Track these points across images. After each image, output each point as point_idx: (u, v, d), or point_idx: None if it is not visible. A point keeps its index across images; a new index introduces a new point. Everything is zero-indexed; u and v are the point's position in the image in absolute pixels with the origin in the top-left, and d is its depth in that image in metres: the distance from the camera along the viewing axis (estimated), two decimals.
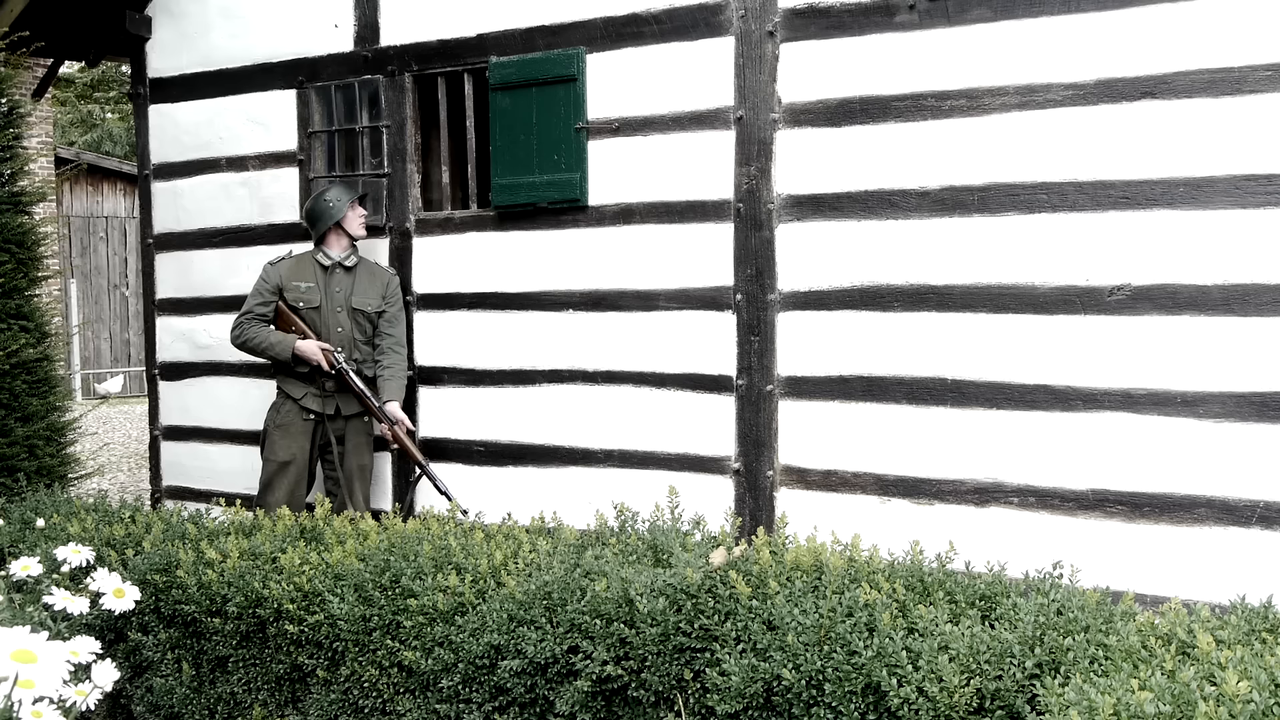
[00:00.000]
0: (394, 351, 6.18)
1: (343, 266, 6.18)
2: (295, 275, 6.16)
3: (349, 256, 6.20)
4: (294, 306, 6.13)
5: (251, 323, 6.14)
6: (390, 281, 6.25)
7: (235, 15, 6.90)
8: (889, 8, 5.03)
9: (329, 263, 6.17)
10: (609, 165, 5.76)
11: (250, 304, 6.16)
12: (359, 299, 6.15)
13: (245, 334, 6.14)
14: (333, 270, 6.17)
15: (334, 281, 6.17)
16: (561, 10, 5.83)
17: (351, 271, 6.18)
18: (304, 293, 6.13)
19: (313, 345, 6.04)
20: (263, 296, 6.15)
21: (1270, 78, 4.35)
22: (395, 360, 6.16)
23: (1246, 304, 4.42)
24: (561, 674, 3.40)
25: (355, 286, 6.17)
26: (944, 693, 2.77)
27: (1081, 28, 4.66)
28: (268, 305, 6.15)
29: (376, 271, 6.25)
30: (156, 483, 7.55)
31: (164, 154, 7.30)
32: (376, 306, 6.17)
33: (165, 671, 4.26)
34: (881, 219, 5.09)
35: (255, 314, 6.14)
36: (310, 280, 6.15)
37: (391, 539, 4.11)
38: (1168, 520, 4.59)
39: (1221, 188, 4.45)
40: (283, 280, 6.15)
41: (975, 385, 4.94)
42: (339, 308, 6.15)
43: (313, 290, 6.14)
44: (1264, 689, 2.44)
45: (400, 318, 6.24)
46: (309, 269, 6.18)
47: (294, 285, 6.14)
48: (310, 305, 6.13)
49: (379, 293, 6.19)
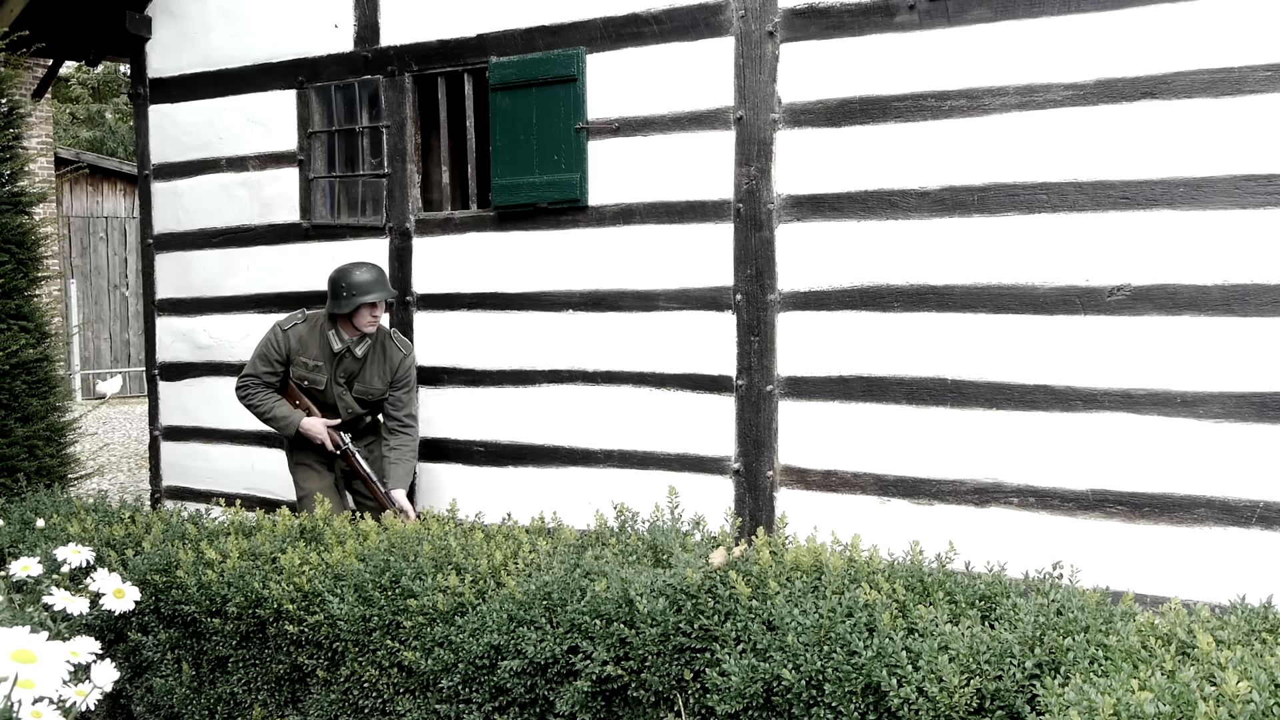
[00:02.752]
0: (402, 432, 5.93)
1: (352, 354, 5.87)
2: (304, 349, 5.85)
3: (360, 343, 5.86)
4: (297, 382, 5.89)
5: (258, 388, 5.88)
6: (403, 362, 5.93)
7: (235, 15, 6.90)
8: (889, 8, 5.03)
9: (339, 347, 5.84)
10: (609, 165, 5.76)
11: (258, 368, 5.88)
12: (363, 385, 5.90)
13: (253, 400, 5.89)
14: (341, 356, 5.86)
15: (341, 366, 5.87)
16: (561, 10, 5.83)
17: (361, 359, 5.87)
18: (309, 371, 5.86)
19: (319, 426, 5.83)
20: (270, 365, 5.87)
21: (1270, 78, 4.35)
22: (403, 442, 5.91)
23: (1246, 304, 4.42)
24: (561, 674, 3.40)
25: (363, 373, 5.88)
26: (944, 693, 2.77)
27: (1081, 28, 4.66)
28: (275, 374, 5.88)
29: (389, 352, 5.94)
30: (156, 483, 7.55)
31: (164, 154, 7.30)
32: (382, 392, 5.93)
33: (165, 672, 4.26)
34: (881, 219, 5.09)
35: (263, 380, 5.88)
36: (318, 358, 5.85)
37: (391, 539, 4.11)
38: (1168, 520, 4.59)
39: (1221, 188, 4.45)
40: (290, 352, 5.86)
41: (975, 385, 4.94)
42: (343, 393, 5.90)
43: (319, 371, 5.86)
44: (1264, 689, 2.44)
45: (410, 397, 5.97)
46: (318, 345, 5.87)
47: (300, 360, 5.85)
48: (314, 386, 5.87)
49: (388, 376, 5.91)
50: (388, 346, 5.93)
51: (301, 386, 5.87)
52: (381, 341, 5.91)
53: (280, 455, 6.89)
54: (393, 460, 5.86)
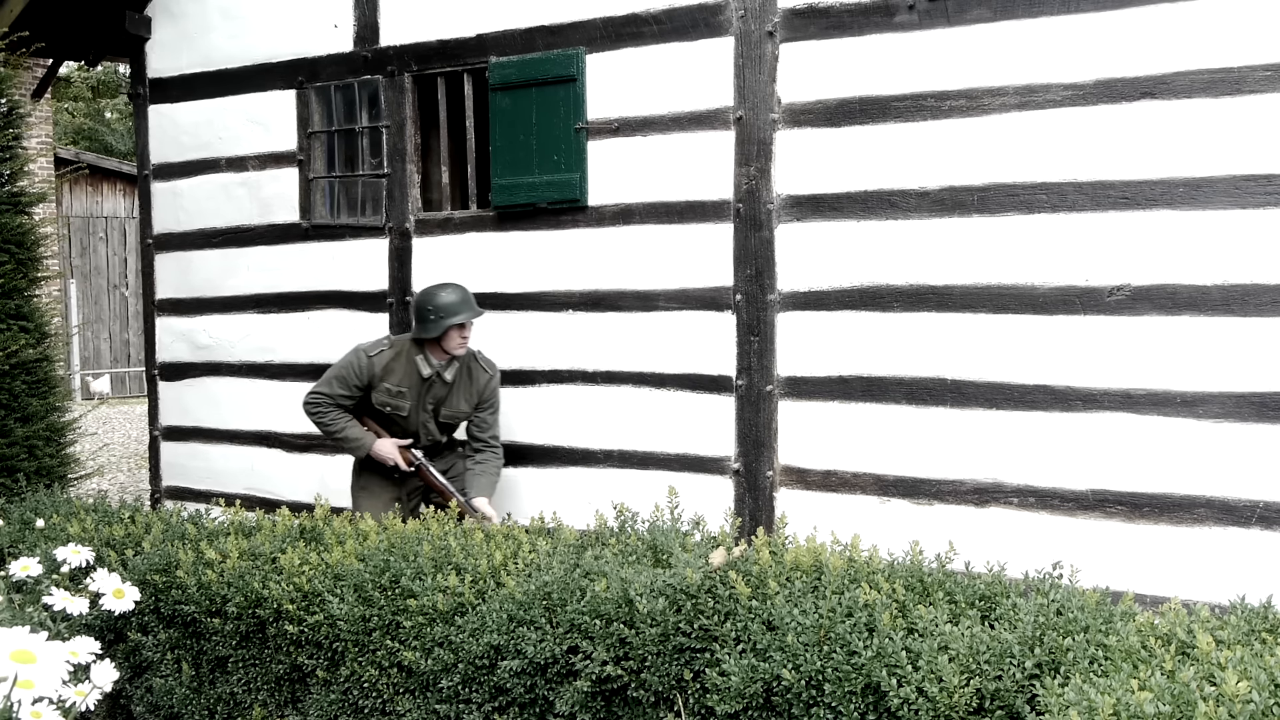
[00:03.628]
0: (489, 450, 5.75)
1: (441, 379, 5.63)
2: (389, 375, 5.59)
3: (449, 367, 5.64)
4: (378, 409, 5.65)
5: (330, 408, 5.61)
6: (489, 384, 5.73)
7: (235, 15, 6.90)
8: (889, 8, 5.03)
9: (428, 372, 5.60)
10: (609, 165, 5.76)
11: (333, 389, 5.60)
12: (449, 410, 5.69)
13: (324, 419, 5.63)
14: (430, 381, 5.62)
15: (430, 392, 5.63)
16: (561, 10, 5.83)
17: (449, 384, 5.65)
18: (393, 398, 5.60)
19: (390, 448, 5.62)
20: (348, 389, 5.60)
21: (1269, 78, 4.35)
22: (488, 459, 5.73)
23: (1246, 304, 4.42)
24: (561, 674, 3.40)
25: (450, 397, 5.66)
26: (944, 693, 2.77)
27: (1081, 28, 4.66)
28: (351, 399, 5.62)
29: (475, 374, 5.72)
30: (156, 483, 7.55)
31: (164, 154, 7.30)
32: (467, 416, 5.75)
33: (165, 672, 4.26)
34: (881, 219, 5.09)
35: (336, 402, 5.61)
36: (404, 385, 5.59)
37: (391, 539, 4.11)
38: (1167, 520, 4.59)
39: (1221, 188, 4.45)
40: (374, 379, 5.58)
41: (975, 385, 4.94)
42: (428, 419, 5.68)
43: (403, 397, 5.60)
44: (1264, 689, 2.44)
45: (496, 419, 5.79)
46: (405, 372, 5.61)
47: (385, 387, 5.59)
48: (398, 412, 5.63)
49: (474, 399, 5.72)
50: (473, 369, 5.73)
51: (383, 412, 5.65)
52: (467, 364, 5.72)
53: (278, 455, 6.91)
54: (477, 472, 5.69)
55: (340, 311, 6.65)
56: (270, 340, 6.92)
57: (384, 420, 5.68)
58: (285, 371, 6.88)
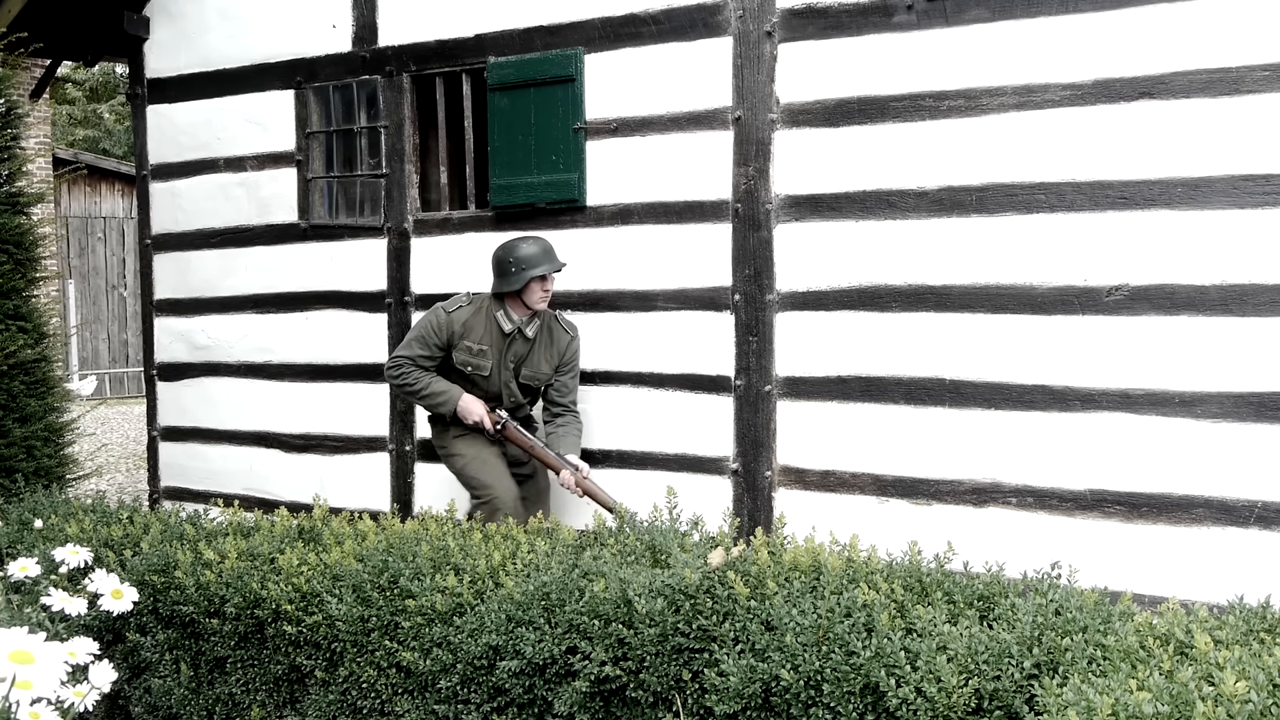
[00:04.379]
0: (569, 414, 5.62)
1: (523, 335, 5.52)
2: (469, 332, 5.49)
3: (531, 323, 5.52)
4: (460, 368, 5.52)
5: (411, 369, 5.51)
6: (570, 345, 5.61)
7: (233, 16, 6.90)
8: (887, 8, 5.03)
9: (509, 328, 5.48)
10: (607, 166, 5.76)
11: (414, 350, 5.52)
12: (530, 369, 5.55)
13: (406, 378, 5.53)
14: (512, 337, 5.51)
15: (511, 349, 5.52)
16: (559, 11, 5.83)
17: (531, 340, 5.53)
18: (474, 356, 5.48)
19: (477, 404, 5.48)
20: (428, 349, 5.51)
21: (1268, 78, 4.35)
22: (569, 421, 5.60)
23: (1244, 304, 4.42)
24: (560, 675, 3.40)
25: (532, 356, 5.54)
26: (942, 693, 2.77)
27: (1079, 28, 4.66)
28: (433, 359, 5.53)
29: (556, 334, 5.60)
30: (154, 483, 7.55)
31: (162, 154, 7.30)
32: (548, 377, 5.59)
33: (163, 672, 4.25)
34: (880, 219, 5.09)
35: (417, 363, 5.52)
36: (485, 342, 5.48)
37: (390, 539, 4.11)
38: (1166, 520, 4.59)
39: (1219, 188, 4.45)
40: (454, 336, 5.48)
41: (973, 385, 4.95)
42: (510, 379, 5.54)
43: (484, 355, 5.48)
44: (1262, 689, 2.44)
45: (575, 383, 5.66)
46: (485, 328, 5.50)
47: (465, 345, 5.48)
48: (479, 371, 5.50)
49: (555, 360, 5.58)
50: (554, 328, 5.61)
51: (464, 373, 5.53)
52: (548, 323, 5.60)
53: (277, 455, 6.90)
54: (560, 434, 5.55)
55: (338, 312, 6.65)
56: (268, 340, 6.92)
57: (465, 384, 5.56)
58: (284, 372, 6.88)
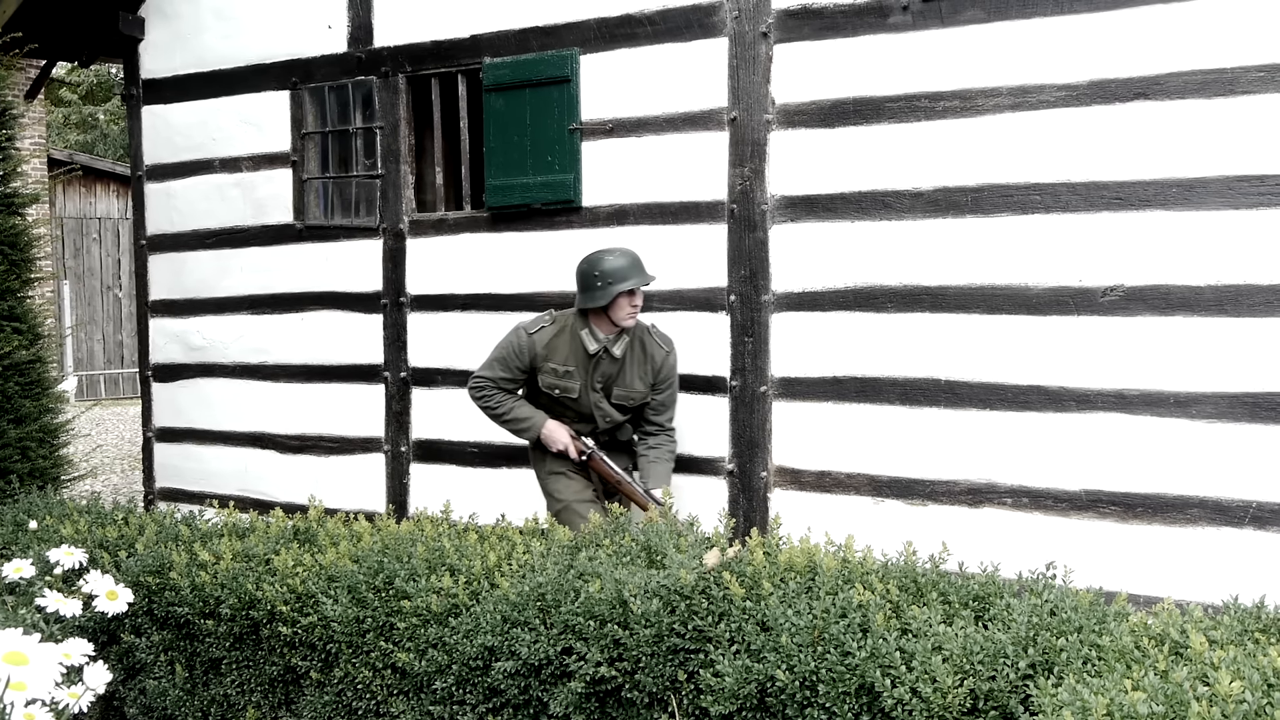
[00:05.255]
0: (664, 435, 5.27)
1: (609, 354, 5.11)
2: (553, 353, 5.11)
3: (618, 341, 5.11)
4: (546, 391, 5.17)
5: (494, 390, 5.19)
6: (666, 360, 5.20)
7: (228, 16, 6.90)
8: (882, 9, 5.03)
9: (595, 347, 5.09)
10: (603, 166, 5.76)
11: (495, 372, 5.18)
12: (623, 389, 5.14)
13: (489, 400, 5.20)
14: (598, 358, 5.11)
15: (599, 369, 5.11)
16: (555, 11, 5.83)
17: (620, 359, 5.13)
18: (560, 378, 5.11)
19: (561, 431, 5.14)
20: (510, 372, 5.17)
21: (1263, 78, 4.36)
22: (662, 443, 5.25)
23: (1239, 304, 4.43)
24: (555, 675, 3.40)
25: (622, 375, 5.13)
26: (937, 693, 2.77)
27: (1074, 29, 4.67)
28: (515, 382, 5.21)
29: (649, 349, 5.18)
30: (149, 484, 7.54)
31: (157, 155, 7.29)
32: (644, 396, 5.17)
33: (158, 673, 4.25)
34: (875, 220, 5.09)
35: (499, 386, 5.20)
36: (570, 364, 5.10)
37: (385, 540, 4.10)
38: (1161, 520, 4.60)
39: (1214, 189, 4.46)
40: (537, 358, 5.12)
41: (969, 386, 4.95)
42: (600, 400, 5.16)
43: (570, 378, 5.11)
44: (1257, 689, 2.44)
45: (673, 401, 5.28)
46: (570, 349, 5.12)
47: (550, 367, 5.11)
48: (567, 394, 5.13)
49: (649, 378, 5.17)
50: (647, 343, 5.20)
51: (552, 396, 5.18)
52: (640, 338, 5.19)
53: (272, 456, 6.90)
54: (650, 459, 5.21)
55: (334, 313, 6.65)
56: (264, 341, 6.91)
57: (555, 407, 5.24)
58: (279, 373, 6.87)
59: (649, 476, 5.15)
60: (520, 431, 5.24)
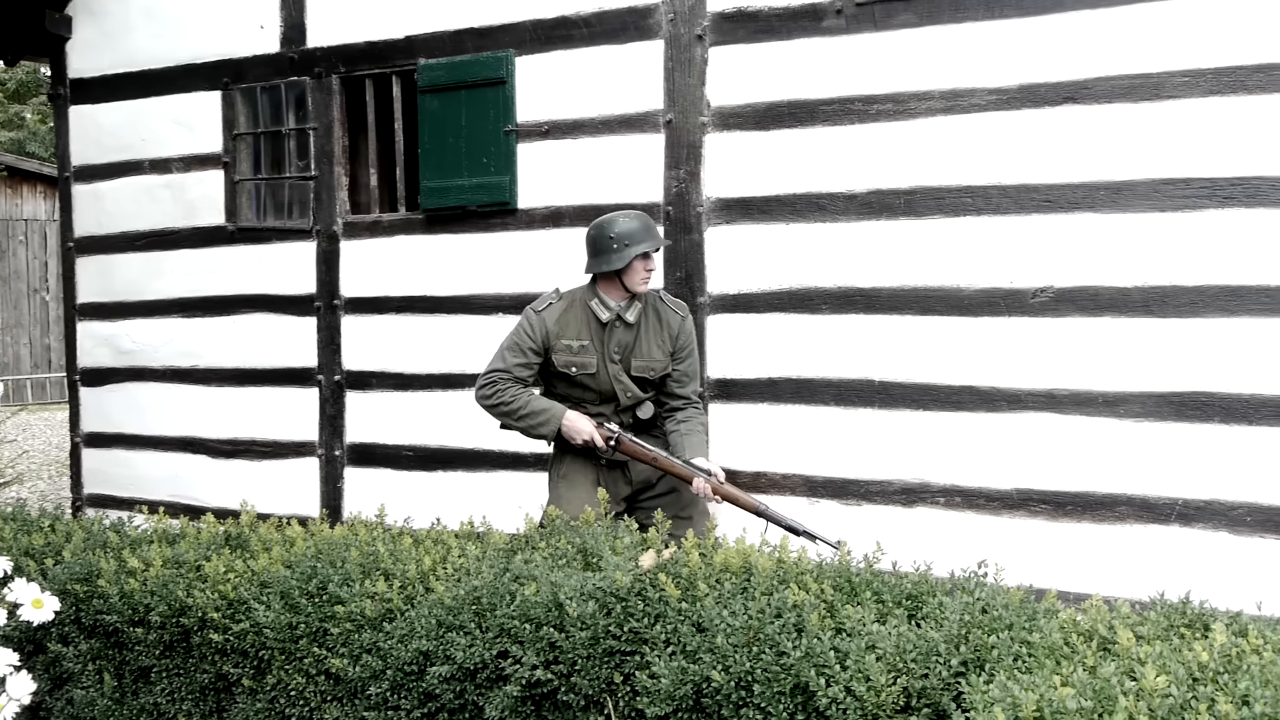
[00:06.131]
0: (690, 405, 4.87)
1: (623, 320, 4.77)
2: (565, 329, 4.75)
3: (630, 307, 4.76)
4: (563, 372, 4.75)
5: (508, 384, 4.73)
6: (682, 326, 4.83)
7: (158, 15, 6.80)
8: (816, 12, 5.06)
9: (607, 316, 4.73)
10: (538, 168, 5.74)
11: (508, 361, 4.74)
12: (642, 360, 4.77)
13: (501, 397, 4.73)
14: (611, 326, 4.75)
15: (612, 339, 4.75)
16: (490, 13, 5.81)
17: (633, 326, 4.78)
18: (576, 354, 4.74)
19: (585, 424, 4.69)
20: (523, 355, 4.73)
21: (1188, 83, 4.44)
22: (692, 415, 4.85)
23: (1165, 305, 4.50)
24: (491, 679, 3.38)
25: (639, 344, 4.77)
26: (871, 692, 2.78)
27: (1005, 34, 4.72)
28: (530, 367, 4.74)
29: (664, 315, 4.83)
30: (77, 490, 7.41)
31: (85, 156, 7.17)
32: (664, 367, 4.80)
33: (86, 683, 4.18)
34: (809, 222, 5.12)
35: (513, 374, 4.74)
36: (583, 337, 4.74)
37: (319, 545, 4.06)
38: (1090, 518, 4.66)
39: (1141, 191, 4.53)
40: (549, 336, 4.73)
41: (902, 387, 4.99)
42: (619, 373, 4.77)
43: (587, 352, 4.75)
44: (1182, 683, 2.48)
45: (694, 371, 4.88)
46: (581, 321, 4.76)
47: (564, 344, 4.73)
48: (585, 371, 4.73)
49: (667, 345, 4.81)
50: (661, 309, 4.85)
51: (570, 377, 4.78)
52: (653, 304, 4.85)
53: (203, 461, 6.80)
54: (683, 432, 4.80)
55: (266, 315, 6.57)
56: (195, 345, 6.82)
57: (573, 392, 4.84)
58: (210, 376, 6.78)
59: (684, 448, 4.76)
60: (539, 426, 4.76)
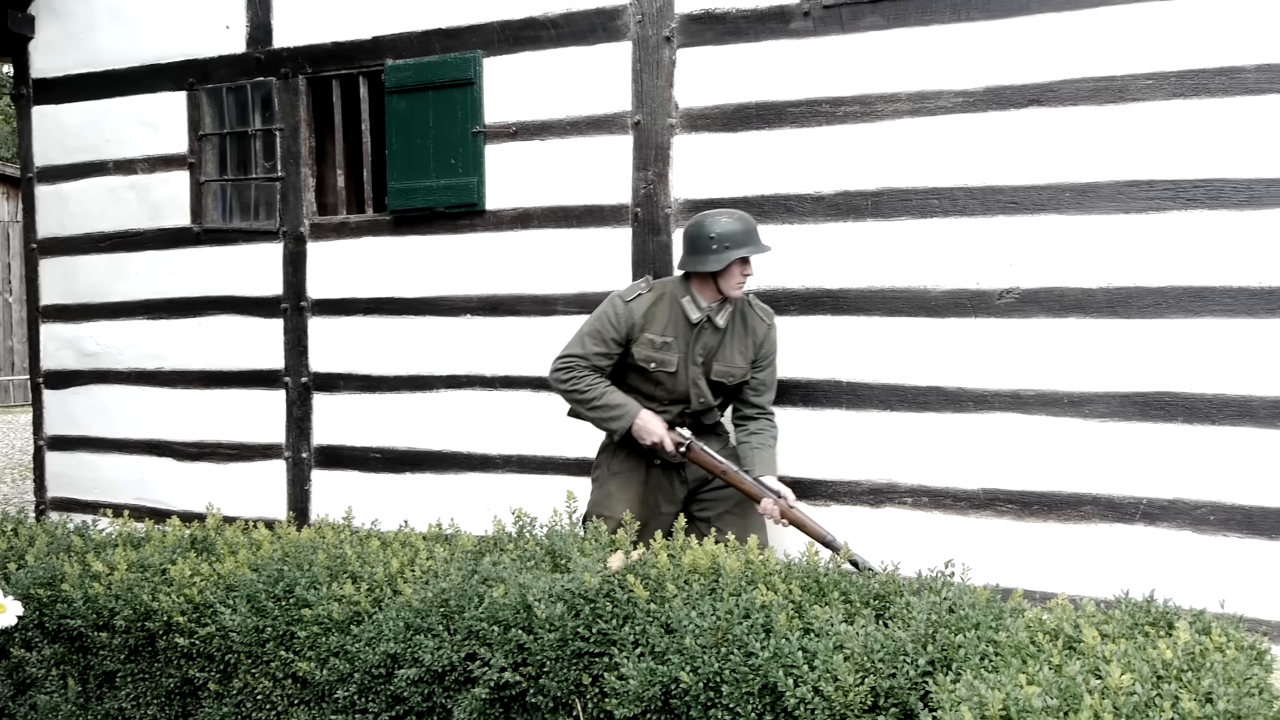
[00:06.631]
0: (765, 418, 4.80)
1: (713, 324, 4.64)
2: (650, 322, 4.61)
3: (721, 310, 4.63)
4: (640, 366, 4.63)
5: (585, 372, 4.61)
6: (768, 335, 4.76)
7: (123, 15, 6.74)
8: (784, 14, 5.08)
9: (697, 316, 4.61)
10: (507, 169, 5.73)
11: (587, 347, 4.61)
12: (723, 365, 4.67)
13: (578, 384, 4.60)
14: (700, 327, 4.63)
15: (699, 341, 4.63)
16: (458, 13, 5.79)
17: (721, 331, 4.66)
18: (658, 350, 4.59)
19: (657, 425, 4.58)
20: (604, 345, 4.61)
21: (1151, 85, 4.47)
22: (765, 428, 4.77)
23: (1130, 306, 4.54)
24: (459, 682, 3.38)
25: (723, 349, 4.66)
26: (839, 692, 2.79)
27: (971, 36, 4.75)
28: (610, 357, 4.62)
29: (751, 322, 4.73)
30: (41, 494, 7.34)
31: (49, 156, 7.10)
32: (744, 374, 4.70)
33: (50, 688, 4.14)
34: (777, 223, 5.13)
35: (591, 362, 4.61)
36: (669, 334, 4.60)
37: (285, 548, 4.04)
38: (1055, 518, 4.69)
39: (1106, 193, 4.57)
40: (634, 328, 4.60)
41: (870, 387, 5.01)
42: (698, 376, 4.66)
43: (669, 350, 4.60)
44: (1146, 681, 2.51)
45: (773, 380, 4.82)
46: (668, 317, 4.62)
47: (647, 338, 4.59)
48: (663, 368, 4.61)
49: (750, 353, 4.71)
50: (748, 315, 4.73)
51: (646, 372, 4.64)
52: (741, 309, 4.72)
53: (169, 464, 6.75)
54: (754, 444, 4.70)
55: (233, 317, 6.53)
56: (160, 347, 6.77)
57: (644, 387, 4.71)
58: (176, 379, 6.73)
59: (754, 464, 4.65)
60: (611, 420, 4.62)
